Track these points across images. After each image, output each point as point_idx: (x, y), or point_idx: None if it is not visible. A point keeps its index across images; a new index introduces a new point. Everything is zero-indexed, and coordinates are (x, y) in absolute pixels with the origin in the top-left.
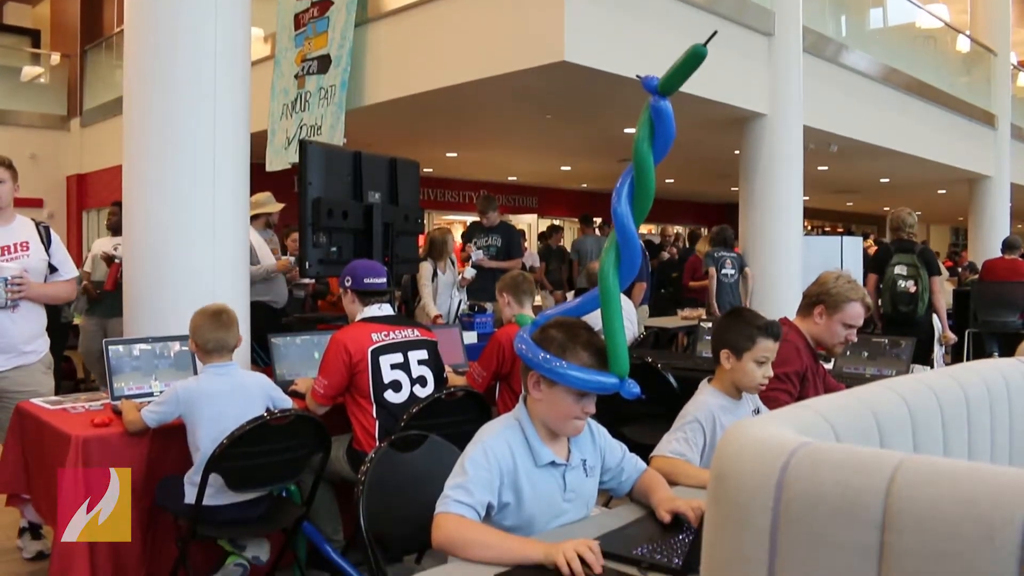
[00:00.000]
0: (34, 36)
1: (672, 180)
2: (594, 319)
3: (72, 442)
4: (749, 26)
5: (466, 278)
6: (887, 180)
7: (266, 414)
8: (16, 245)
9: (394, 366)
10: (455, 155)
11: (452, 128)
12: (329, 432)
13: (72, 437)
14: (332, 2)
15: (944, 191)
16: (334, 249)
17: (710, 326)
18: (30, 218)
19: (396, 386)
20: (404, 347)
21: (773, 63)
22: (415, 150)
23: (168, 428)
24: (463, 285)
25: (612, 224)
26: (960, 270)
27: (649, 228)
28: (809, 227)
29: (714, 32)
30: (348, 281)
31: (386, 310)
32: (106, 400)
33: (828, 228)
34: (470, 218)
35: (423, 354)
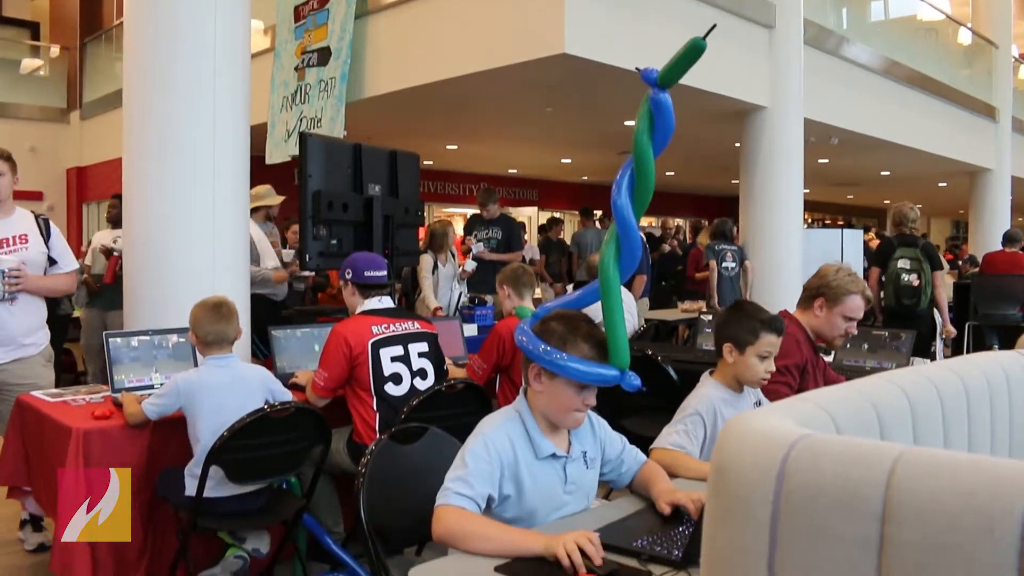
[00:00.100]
0: (33, 28)
1: (672, 173)
2: (595, 312)
3: (73, 435)
4: (750, 18)
5: (467, 271)
6: (887, 173)
7: (266, 406)
8: (15, 238)
9: (394, 359)
10: (455, 148)
11: (452, 121)
12: (329, 424)
13: (73, 430)
14: None
15: (945, 184)
16: (334, 242)
17: (710, 319)
18: (30, 211)
19: (396, 378)
20: (404, 339)
21: (774, 56)
22: (415, 143)
23: (168, 420)
24: (463, 278)
25: (612, 217)
26: (960, 263)
27: (650, 221)
28: (809, 220)
29: (713, 25)
30: (348, 274)
31: (386, 303)
32: (107, 393)
33: (828, 221)
34: (470, 211)
35: (423, 346)
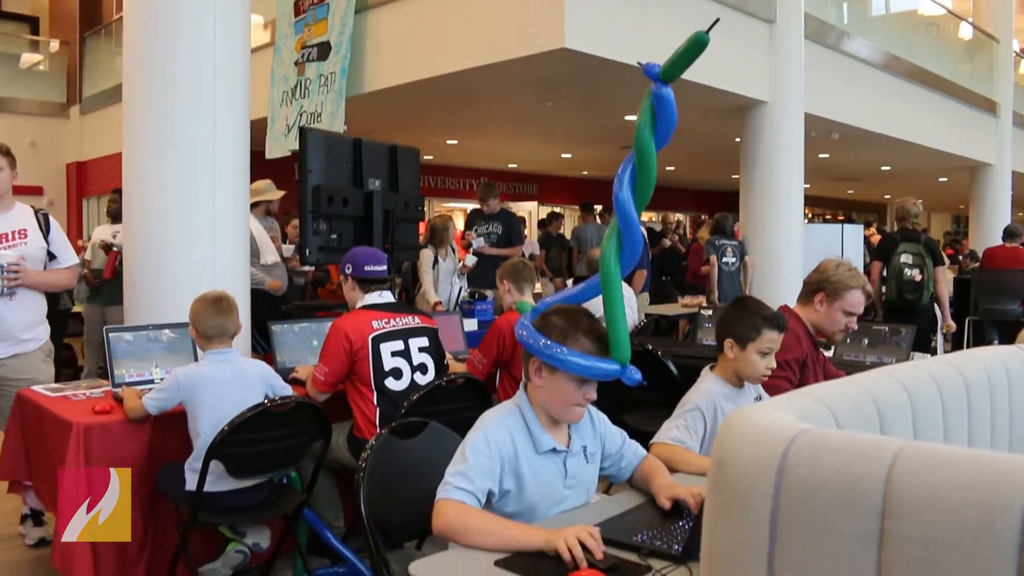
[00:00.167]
0: (33, 23)
1: (673, 168)
2: (595, 306)
3: (73, 429)
4: (750, 13)
5: (467, 266)
6: (888, 168)
7: (266, 401)
8: (14, 233)
9: (395, 353)
10: (455, 142)
11: (452, 115)
12: (330, 419)
13: (73, 424)
14: None
15: (945, 179)
16: (334, 236)
17: (710, 314)
18: (29, 206)
19: (397, 373)
20: (405, 334)
21: (774, 50)
22: (415, 137)
23: (169, 415)
24: (464, 273)
25: (613, 211)
26: (961, 258)
27: (650, 216)
28: (810, 215)
29: (716, 19)
30: (348, 268)
31: (387, 297)
32: (107, 387)
33: (829, 216)
34: (470, 205)
35: (424, 341)
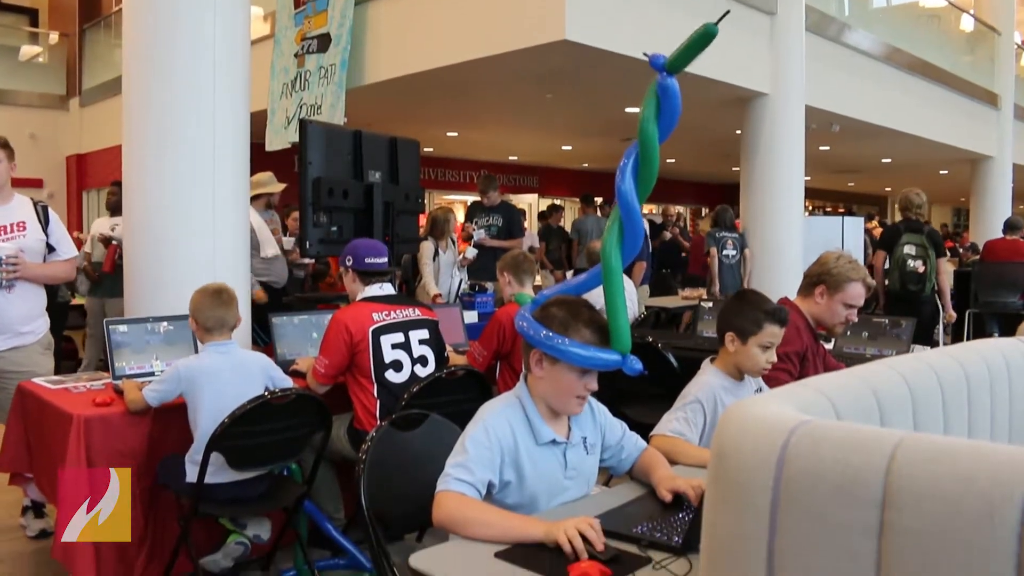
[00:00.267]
0: (32, 15)
1: (674, 160)
2: (595, 298)
3: (74, 421)
4: (752, 5)
5: (467, 258)
6: (889, 160)
7: (267, 393)
8: (13, 225)
9: (395, 345)
10: (455, 134)
11: (453, 107)
12: (330, 411)
13: (74, 416)
14: None
15: (946, 171)
16: (334, 229)
17: (711, 306)
18: (29, 198)
19: (397, 365)
20: (405, 326)
21: (775, 42)
22: (415, 129)
23: (169, 407)
24: (464, 265)
25: (614, 203)
26: (961, 251)
27: (651, 208)
28: (810, 207)
29: (727, 12)
30: (349, 260)
31: (387, 289)
32: (107, 380)
33: (829, 208)
34: (470, 198)
35: (424, 333)
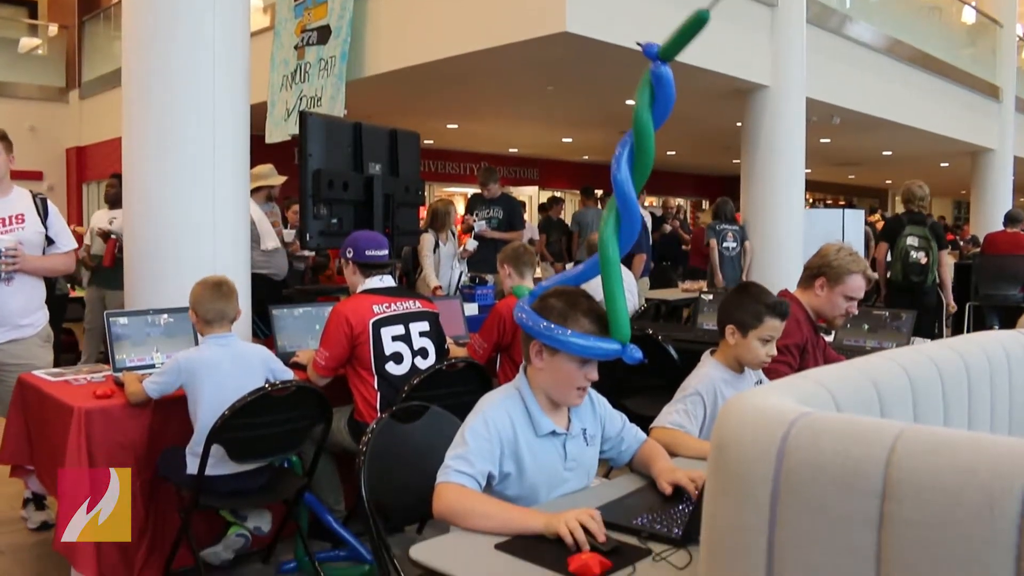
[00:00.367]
0: (31, 7)
1: (674, 152)
2: (594, 289)
3: (75, 414)
4: None
5: (468, 250)
6: (889, 153)
7: (267, 385)
8: (11, 218)
9: (395, 338)
10: (456, 127)
11: (453, 99)
12: (330, 403)
13: (75, 409)
14: None
15: (947, 164)
16: (335, 221)
17: (711, 298)
18: (28, 190)
19: (397, 358)
20: (405, 319)
21: (776, 34)
22: (416, 121)
23: (170, 400)
24: (464, 257)
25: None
26: (962, 243)
27: (651, 200)
28: (811, 200)
29: None
30: (349, 252)
31: (387, 282)
32: (108, 372)
33: (830, 201)
34: (471, 190)
35: (424, 326)
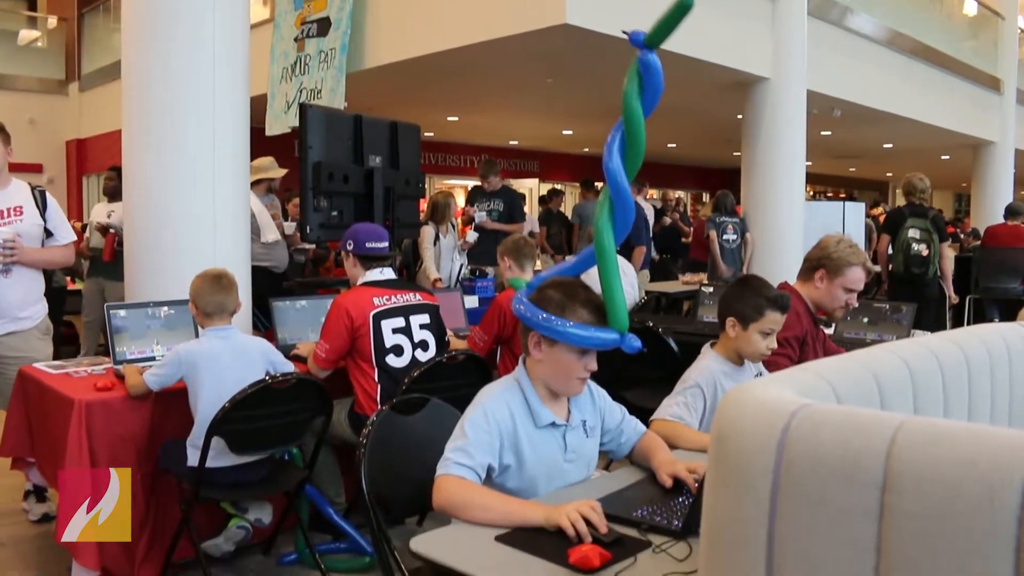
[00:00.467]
0: None
1: (674, 145)
2: (593, 282)
3: (75, 406)
4: None
5: (468, 242)
6: (890, 145)
7: (268, 378)
8: (9, 210)
9: (396, 330)
10: (456, 119)
11: (453, 92)
12: (331, 396)
13: (75, 401)
14: None
15: (948, 157)
16: (335, 213)
17: (711, 291)
18: (27, 182)
19: (398, 350)
20: (406, 311)
21: (777, 26)
22: (416, 114)
23: (170, 392)
24: (464, 249)
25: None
26: (963, 236)
27: (651, 193)
28: (811, 192)
29: None
30: (350, 245)
31: (388, 274)
32: (108, 364)
33: (830, 193)
34: (471, 182)
35: (425, 318)
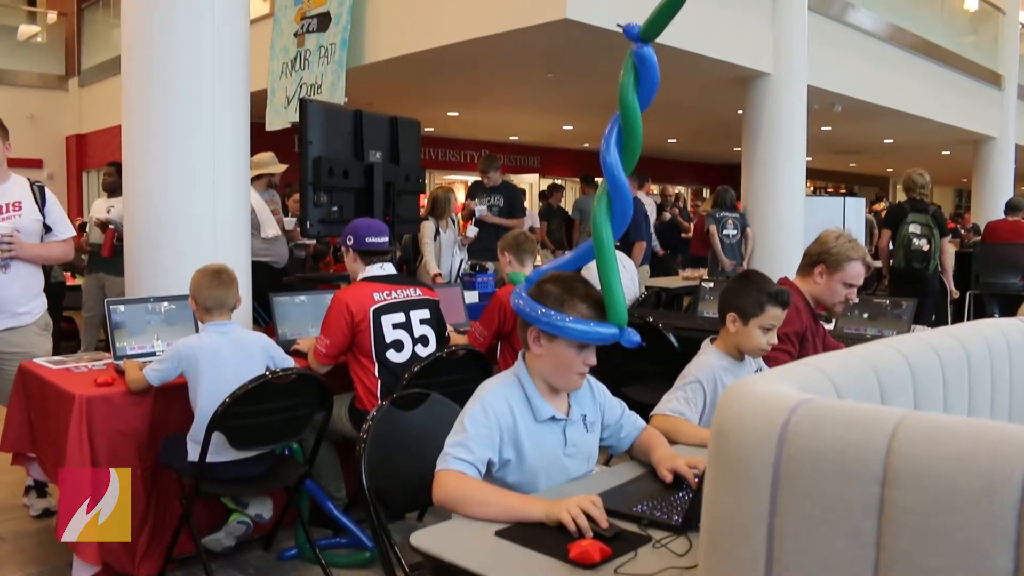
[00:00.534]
0: None
1: (675, 140)
2: (592, 277)
3: (76, 401)
4: None
5: (468, 237)
6: (891, 141)
7: (268, 373)
8: (8, 205)
9: (396, 325)
10: (456, 114)
11: (453, 87)
12: (331, 391)
13: (76, 396)
14: None
15: (948, 152)
16: (335, 208)
17: (711, 286)
18: (26, 178)
19: (398, 345)
20: (406, 306)
21: (778, 21)
22: (416, 109)
23: (171, 387)
24: (465, 244)
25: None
26: (963, 232)
27: (652, 188)
28: (812, 188)
29: None
30: (350, 240)
31: (388, 269)
32: (109, 360)
33: (831, 189)
34: (471, 178)
35: (425, 313)
